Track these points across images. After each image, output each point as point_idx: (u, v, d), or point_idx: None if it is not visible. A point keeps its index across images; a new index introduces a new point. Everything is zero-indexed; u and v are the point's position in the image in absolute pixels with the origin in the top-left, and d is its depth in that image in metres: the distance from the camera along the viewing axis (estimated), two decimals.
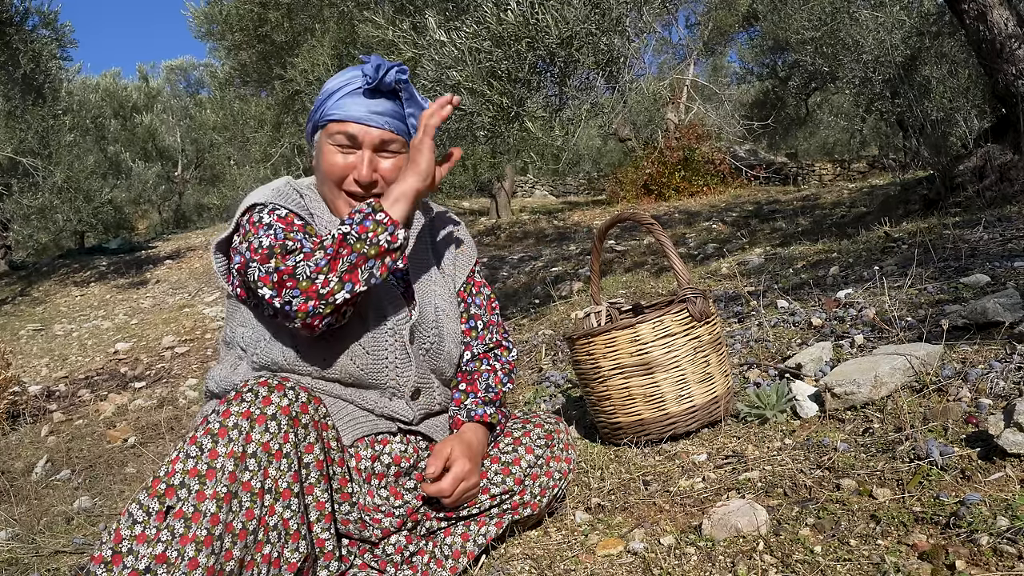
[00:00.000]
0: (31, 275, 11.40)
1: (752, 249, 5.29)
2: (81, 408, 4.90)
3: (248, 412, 1.15)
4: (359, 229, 1.25)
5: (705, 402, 1.83)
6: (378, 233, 1.25)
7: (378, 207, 1.27)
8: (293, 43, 6.11)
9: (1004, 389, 1.61)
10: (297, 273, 1.23)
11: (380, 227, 1.26)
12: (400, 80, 1.37)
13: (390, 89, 1.38)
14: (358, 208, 1.29)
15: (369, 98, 1.37)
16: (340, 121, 1.37)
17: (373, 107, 1.37)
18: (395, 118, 1.39)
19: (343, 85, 1.40)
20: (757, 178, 12.17)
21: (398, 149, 1.40)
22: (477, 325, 1.57)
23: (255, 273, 1.26)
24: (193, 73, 21.24)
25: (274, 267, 1.24)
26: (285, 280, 1.23)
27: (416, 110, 1.41)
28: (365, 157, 1.37)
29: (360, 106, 1.37)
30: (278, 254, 1.25)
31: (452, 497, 1.37)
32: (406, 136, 1.41)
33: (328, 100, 1.40)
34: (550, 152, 11.23)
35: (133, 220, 18.58)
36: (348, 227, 1.25)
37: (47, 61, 8.56)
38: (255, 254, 1.27)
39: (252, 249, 1.28)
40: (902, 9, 6.69)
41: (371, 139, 1.37)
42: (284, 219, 1.33)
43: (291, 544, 1.17)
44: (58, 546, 2.01)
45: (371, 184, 1.38)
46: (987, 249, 3.02)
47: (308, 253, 1.25)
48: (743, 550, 1.29)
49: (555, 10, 2.99)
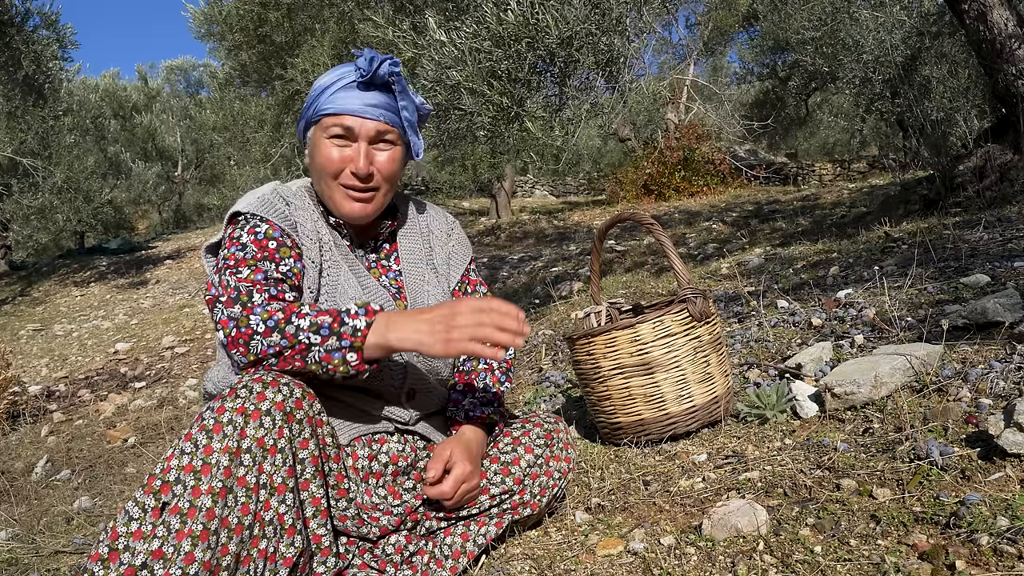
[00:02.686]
0: (31, 275, 11.40)
1: (752, 249, 5.29)
2: (81, 408, 4.90)
3: (242, 408, 1.15)
4: (322, 356, 1.20)
5: (705, 402, 1.83)
6: (338, 370, 1.21)
7: (359, 345, 1.19)
8: (293, 43, 6.11)
9: (1004, 389, 1.61)
10: (251, 345, 1.21)
11: (344, 367, 1.20)
12: (393, 72, 1.37)
13: (383, 82, 1.38)
14: (334, 323, 1.20)
15: (363, 91, 1.38)
16: (335, 115, 1.37)
17: (367, 99, 1.37)
18: (389, 110, 1.39)
19: (336, 80, 1.40)
20: (757, 178, 12.17)
21: (393, 140, 1.40)
22: None
23: (219, 314, 1.25)
24: (193, 73, 21.26)
25: (236, 318, 1.22)
26: (239, 343, 1.22)
27: (408, 103, 1.41)
28: (362, 149, 1.37)
29: (355, 99, 1.37)
30: (245, 304, 1.23)
31: (453, 500, 1.37)
32: (400, 128, 1.41)
33: (322, 95, 1.40)
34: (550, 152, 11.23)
35: (133, 220, 18.58)
36: (319, 339, 1.19)
37: (48, 62, 8.56)
38: (224, 291, 1.27)
39: (223, 285, 1.28)
40: (902, 9, 6.69)
41: (367, 131, 1.37)
42: (259, 241, 1.32)
43: (286, 539, 1.17)
44: (58, 546, 2.01)
45: (368, 176, 1.38)
46: (987, 249, 3.02)
47: (268, 329, 1.20)
48: (743, 550, 1.29)
49: (555, 10, 2.99)
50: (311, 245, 1.39)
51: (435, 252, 1.56)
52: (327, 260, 1.40)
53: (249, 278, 1.27)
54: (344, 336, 1.19)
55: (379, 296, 1.43)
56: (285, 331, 1.20)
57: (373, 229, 1.50)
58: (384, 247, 1.52)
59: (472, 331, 1.17)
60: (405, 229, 1.54)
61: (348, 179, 1.38)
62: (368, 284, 1.43)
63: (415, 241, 1.54)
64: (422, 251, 1.54)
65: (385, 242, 1.52)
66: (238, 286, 1.26)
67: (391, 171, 1.40)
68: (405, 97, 1.41)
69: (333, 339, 1.19)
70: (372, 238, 1.50)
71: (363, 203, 1.40)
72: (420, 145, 1.46)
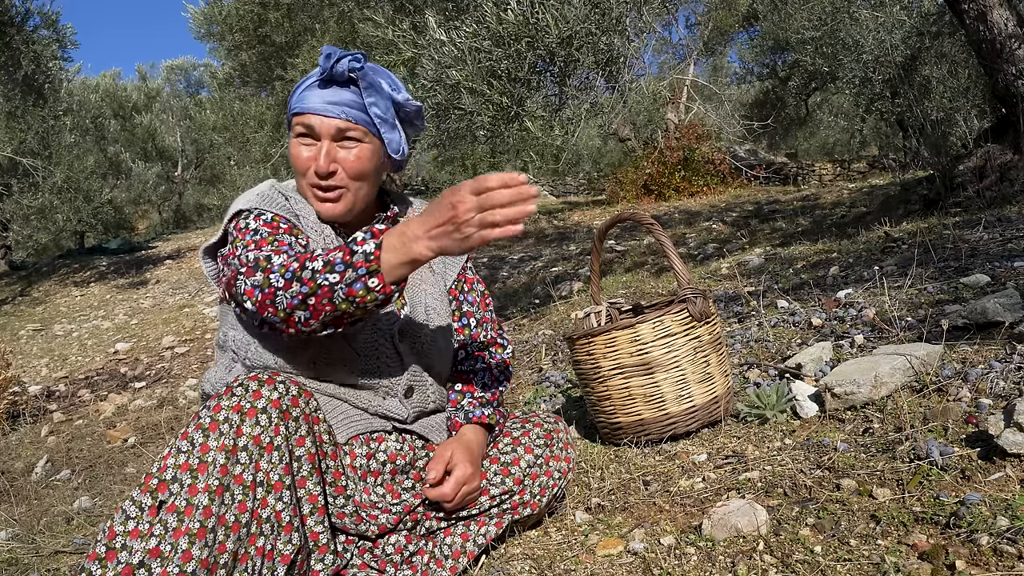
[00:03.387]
0: (31, 275, 11.40)
1: (752, 249, 5.28)
2: (81, 408, 4.90)
3: (238, 406, 1.15)
4: (347, 292, 1.14)
5: (705, 402, 1.83)
6: (367, 300, 1.15)
7: (374, 268, 1.13)
8: (293, 43, 6.12)
9: (1004, 389, 1.61)
10: (277, 302, 1.17)
11: (371, 294, 1.14)
12: (354, 68, 1.35)
13: (345, 78, 1.37)
14: (346, 255, 1.15)
15: (324, 88, 1.37)
16: (299, 113, 1.38)
17: (328, 97, 1.36)
18: (353, 107, 1.37)
19: (305, 80, 1.41)
20: (757, 178, 12.16)
21: (359, 138, 1.38)
22: (470, 323, 1.57)
23: (242, 286, 1.23)
24: (193, 73, 21.25)
25: (258, 284, 1.20)
26: (267, 304, 1.19)
27: (379, 99, 1.39)
28: (323, 148, 1.36)
29: (316, 97, 1.37)
30: (264, 268, 1.21)
31: (454, 502, 1.37)
32: (368, 125, 1.39)
33: (293, 95, 1.41)
34: (550, 152, 11.22)
35: (133, 220, 18.58)
36: (337, 277, 1.14)
37: (48, 62, 8.56)
38: (243, 265, 1.25)
39: (241, 261, 1.26)
40: (902, 9, 6.69)
41: (327, 129, 1.36)
42: (270, 223, 1.33)
43: (284, 536, 1.17)
44: (58, 546, 2.01)
45: (329, 175, 1.37)
46: (987, 249, 3.02)
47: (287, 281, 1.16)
48: (743, 550, 1.29)
49: (555, 9, 2.99)
50: (316, 236, 1.40)
51: None
52: None
53: (263, 252, 1.26)
54: (358, 264, 1.14)
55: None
56: (303, 278, 1.15)
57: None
58: None
59: (481, 220, 1.11)
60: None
61: (312, 177, 1.38)
62: None
63: None
64: None
65: None
66: (257, 255, 1.24)
67: (357, 169, 1.38)
68: (373, 93, 1.38)
69: (350, 271, 1.14)
70: None
71: (331, 202, 1.39)
72: (400, 141, 1.44)
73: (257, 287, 1.20)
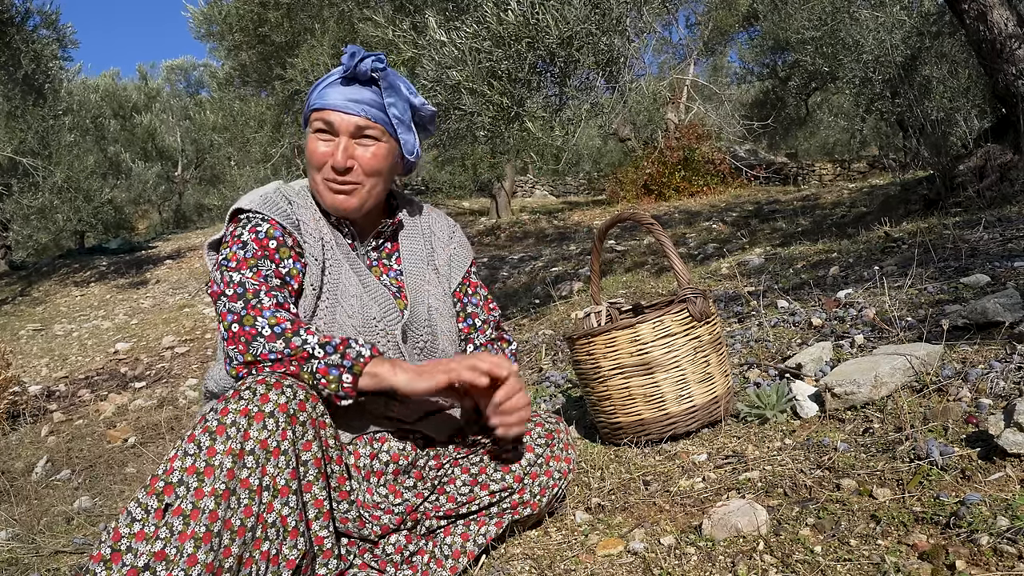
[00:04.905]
0: (31, 275, 11.40)
1: (752, 249, 5.29)
2: (81, 408, 4.90)
3: (246, 410, 1.15)
4: (319, 370, 1.22)
5: (705, 402, 1.83)
6: (328, 385, 1.23)
7: (358, 370, 1.23)
8: (293, 43, 6.12)
9: (1004, 389, 1.61)
10: (252, 345, 1.23)
11: (336, 384, 1.23)
12: (377, 68, 1.38)
13: (367, 78, 1.40)
14: (341, 344, 1.24)
15: (346, 86, 1.39)
16: (319, 109, 1.40)
17: (350, 95, 1.39)
18: (373, 106, 1.40)
19: (326, 77, 1.43)
20: (757, 178, 12.17)
21: (377, 136, 1.41)
22: (475, 323, 1.58)
23: (222, 307, 1.27)
24: (193, 73, 21.26)
25: (240, 315, 1.25)
26: (239, 339, 1.24)
27: (397, 100, 1.42)
28: (341, 144, 1.38)
29: (338, 94, 1.39)
30: (250, 303, 1.25)
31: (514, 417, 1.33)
32: (386, 125, 1.41)
33: (313, 92, 1.43)
34: (550, 152, 11.24)
35: (133, 220, 18.59)
36: (320, 355, 1.22)
37: (48, 61, 8.57)
38: (227, 287, 1.28)
39: (225, 281, 1.29)
40: (902, 9, 6.70)
41: (347, 126, 1.38)
42: (260, 240, 1.33)
43: (289, 541, 1.17)
44: (58, 546, 2.01)
45: (346, 170, 1.39)
46: (987, 249, 3.02)
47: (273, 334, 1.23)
48: (743, 550, 1.29)
49: (555, 10, 2.99)
50: (314, 243, 1.40)
51: (436, 253, 1.57)
52: (329, 258, 1.41)
53: (254, 278, 1.28)
54: (347, 357, 1.23)
55: (380, 294, 1.44)
56: (291, 341, 1.23)
57: (373, 227, 1.50)
58: (385, 247, 1.52)
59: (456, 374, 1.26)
60: (407, 230, 1.55)
61: (328, 172, 1.40)
62: (369, 282, 1.44)
63: (416, 242, 1.55)
64: (423, 251, 1.54)
65: (387, 242, 1.52)
66: (243, 282, 1.28)
67: (373, 166, 1.40)
68: (393, 94, 1.41)
69: (336, 356, 1.23)
70: (373, 237, 1.50)
71: (344, 195, 1.41)
72: (415, 143, 1.47)
73: (237, 317, 1.25)
